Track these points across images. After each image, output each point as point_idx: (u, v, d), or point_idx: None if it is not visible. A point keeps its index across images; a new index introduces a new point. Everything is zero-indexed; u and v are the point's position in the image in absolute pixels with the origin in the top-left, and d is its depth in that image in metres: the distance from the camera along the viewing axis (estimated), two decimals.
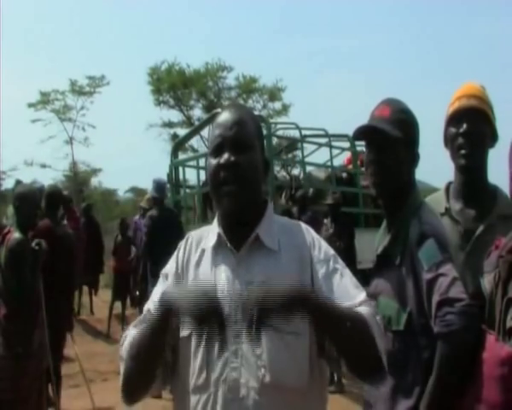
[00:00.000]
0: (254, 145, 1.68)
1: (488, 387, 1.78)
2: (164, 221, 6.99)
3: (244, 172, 1.64)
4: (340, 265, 1.70)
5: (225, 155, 1.64)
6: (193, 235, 1.82)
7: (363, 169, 9.93)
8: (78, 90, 25.85)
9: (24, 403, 4.63)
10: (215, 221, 1.77)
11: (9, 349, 4.62)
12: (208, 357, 1.61)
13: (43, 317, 4.82)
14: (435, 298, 1.96)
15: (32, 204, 4.77)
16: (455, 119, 2.39)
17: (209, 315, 1.45)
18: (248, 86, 25.64)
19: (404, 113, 2.26)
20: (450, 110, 2.42)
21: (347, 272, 1.69)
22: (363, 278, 2.19)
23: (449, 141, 2.43)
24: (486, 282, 1.92)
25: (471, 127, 2.35)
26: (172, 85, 25.15)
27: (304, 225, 1.76)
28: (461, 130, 2.36)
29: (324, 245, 1.72)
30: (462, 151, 2.37)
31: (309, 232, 1.73)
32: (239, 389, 1.57)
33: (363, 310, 1.58)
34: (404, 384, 2.09)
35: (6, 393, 4.58)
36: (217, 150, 1.67)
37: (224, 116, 1.70)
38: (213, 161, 1.67)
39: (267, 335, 1.56)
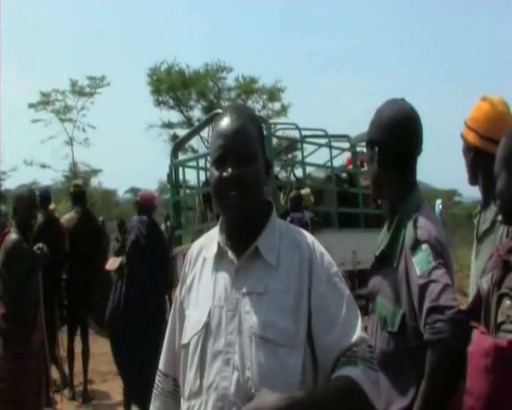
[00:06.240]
0: (257, 152, 1.66)
1: (474, 379, 1.79)
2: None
3: (248, 184, 1.63)
4: (340, 290, 1.66)
5: (229, 169, 1.62)
6: (194, 247, 1.83)
7: (362, 169, 9.96)
8: (78, 91, 25.88)
9: (22, 404, 4.63)
10: (217, 228, 1.76)
11: (8, 349, 4.62)
12: (202, 365, 1.63)
13: (42, 317, 4.83)
14: (426, 304, 1.96)
15: (28, 205, 4.78)
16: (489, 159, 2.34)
17: None
18: (248, 87, 25.63)
19: None
20: (480, 142, 2.50)
21: (347, 296, 1.66)
22: (363, 278, 2.21)
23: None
24: (484, 281, 1.95)
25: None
26: (172, 86, 25.16)
27: (310, 237, 1.73)
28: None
29: (327, 262, 1.69)
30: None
31: (313, 245, 1.69)
32: (228, 398, 1.58)
33: (358, 373, 1.55)
34: (399, 384, 2.11)
35: (4, 393, 4.58)
36: (219, 162, 1.64)
37: (225, 124, 1.66)
38: (216, 173, 1.64)
39: (260, 346, 1.58)
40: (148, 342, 5.28)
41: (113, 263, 6.09)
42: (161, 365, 1.86)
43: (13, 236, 4.70)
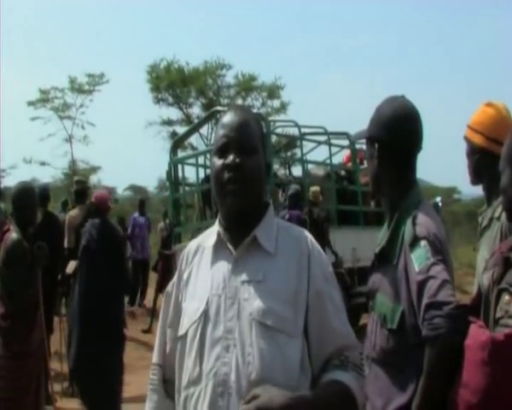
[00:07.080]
0: (258, 148, 1.72)
1: (471, 372, 1.80)
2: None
3: (248, 173, 1.68)
4: (335, 290, 1.72)
5: (230, 156, 1.67)
6: (191, 245, 1.86)
7: (362, 167, 9.96)
8: (77, 88, 25.81)
9: (21, 402, 4.63)
10: (216, 222, 1.79)
11: (7, 348, 4.62)
12: (201, 352, 1.65)
13: (41, 316, 4.83)
14: (424, 301, 1.97)
15: (29, 202, 4.77)
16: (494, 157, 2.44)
17: None
18: (247, 84, 25.59)
19: None
20: (487, 143, 2.62)
21: (339, 297, 1.73)
22: (363, 275, 2.22)
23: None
24: (485, 278, 1.97)
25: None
26: (171, 83, 25.11)
27: (307, 234, 1.78)
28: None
29: (324, 260, 1.75)
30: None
31: (311, 242, 1.75)
32: (228, 384, 1.59)
33: (350, 379, 1.63)
34: (398, 381, 2.11)
35: (3, 392, 4.58)
36: (221, 150, 1.70)
37: (230, 117, 1.74)
38: (218, 161, 1.70)
39: (260, 332, 1.60)
40: (108, 353, 5.07)
41: (70, 266, 5.92)
42: (155, 358, 1.87)
43: (13, 234, 4.68)
